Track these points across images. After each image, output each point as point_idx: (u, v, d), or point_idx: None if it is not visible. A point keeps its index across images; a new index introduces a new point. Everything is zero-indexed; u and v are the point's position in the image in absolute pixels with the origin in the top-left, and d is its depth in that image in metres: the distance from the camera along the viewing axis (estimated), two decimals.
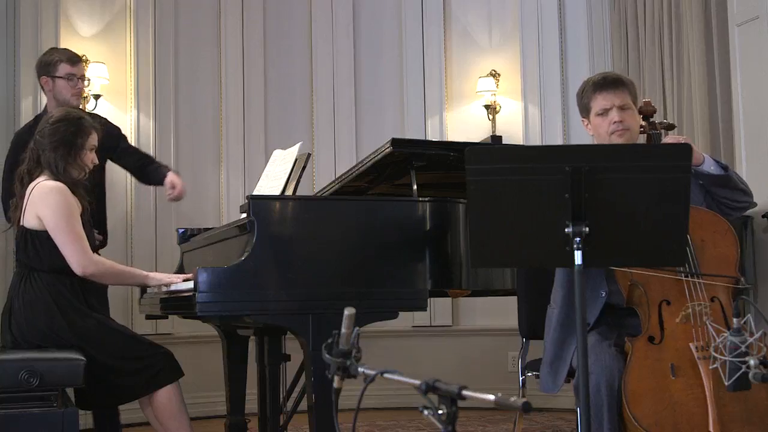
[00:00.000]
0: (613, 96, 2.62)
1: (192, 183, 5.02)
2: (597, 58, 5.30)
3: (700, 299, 2.36)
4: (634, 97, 2.68)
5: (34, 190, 2.96)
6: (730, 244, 2.47)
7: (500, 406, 1.30)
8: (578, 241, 1.97)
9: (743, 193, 2.59)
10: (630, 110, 2.64)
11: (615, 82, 2.65)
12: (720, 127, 4.40)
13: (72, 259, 2.92)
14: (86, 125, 3.06)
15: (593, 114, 2.67)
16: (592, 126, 2.69)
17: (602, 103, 2.63)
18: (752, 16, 4.08)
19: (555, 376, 2.60)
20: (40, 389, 2.70)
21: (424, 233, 2.87)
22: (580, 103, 2.74)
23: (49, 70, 3.73)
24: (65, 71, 3.71)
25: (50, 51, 3.89)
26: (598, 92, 2.64)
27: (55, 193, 2.93)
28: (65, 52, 3.79)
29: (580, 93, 2.73)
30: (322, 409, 2.65)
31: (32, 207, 2.95)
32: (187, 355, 3.47)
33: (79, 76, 3.76)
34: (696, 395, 2.23)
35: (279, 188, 3.18)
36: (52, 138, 3.00)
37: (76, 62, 3.76)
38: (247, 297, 2.67)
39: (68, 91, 3.72)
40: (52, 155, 2.98)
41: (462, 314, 5.43)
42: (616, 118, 2.60)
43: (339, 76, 5.58)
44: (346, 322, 1.59)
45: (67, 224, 2.91)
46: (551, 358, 2.62)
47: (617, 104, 2.62)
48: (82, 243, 2.93)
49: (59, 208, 2.91)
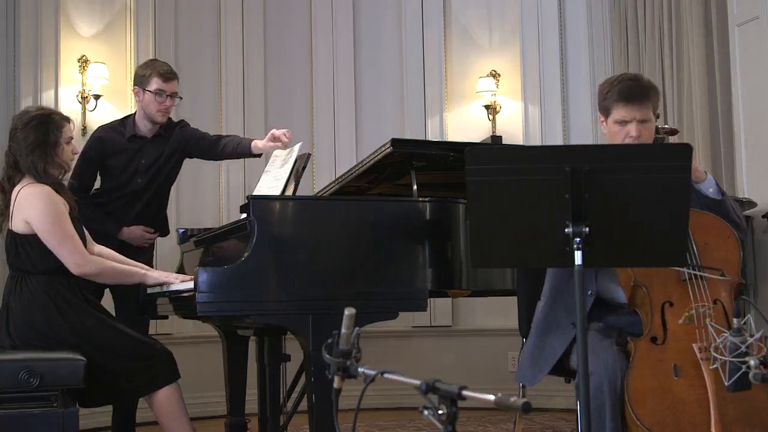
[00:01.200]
0: (636, 110, 2.55)
1: (192, 183, 5.03)
2: (597, 58, 5.31)
3: (703, 300, 2.36)
4: (656, 107, 2.62)
5: (18, 195, 2.95)
6: (732, 248, 2.48)
7: (500, 406, 1.30)
8: (578, 241, 1.97)
9: (734, 224, 2.56)
10: (649, 123, 2.58)
11: (641, 97, 2.56)
12: (720, 127, 4.40)
13: (68, 260, 2.91)
14: (56, 119, 3.03)
15: (611, 120, 2.61)
16: (607, 130, 2.65)
17: (623, 114, 2.56)
18: (752, 16, 4.09)
19: (533, 368, 2.59)
20: (40, 389, 2.70)
21: (424, 233, 2.87)
22: (600, 102, 2.66)
23: (142, 81, 3.73)
24: (156, 86, 3.69)
25: (149, 63, 3.85)
26: (623, 103, 2.56)
27: (41, 197, 2.91)
28: (161, 67, 3.74)
29: (603, 92, 2.64)
30: (322, 409, 2.65)
31: (19, 212, 2.94)
32: (187, 355, 3.47)
33: (169, 93, 3.72)
34: (698, 396, 2.24)
35: (279, 188, 3.18)
36: (26, 141, 2.98)
37: (168, 79, 3.72)
38: (248, 297, 2.67)
39: (155, 106, 3.71)
40: (30, 158, 2.96)
41: (462, 314, 5.43)
42: (633, 133, 2.55)
43: (339, 76, 5.58)
44: (346, 322, 1.60)
45: (57, 227, 2.90)
46: (531, 350, 2.62)
47: (638, 118, 2.56)
48: (74, 242, 2.93)
49: (47, 211, 2.90)
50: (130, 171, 3.77)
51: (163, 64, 3.80)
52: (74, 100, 4.76)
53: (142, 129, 3.80)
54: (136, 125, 3.80)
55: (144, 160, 3.78)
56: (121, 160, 3.76)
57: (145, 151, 3.79)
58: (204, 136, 3.89)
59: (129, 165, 3.77)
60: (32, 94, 4.63)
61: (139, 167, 3.77)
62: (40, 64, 4.66)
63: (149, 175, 3.79)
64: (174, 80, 3.75)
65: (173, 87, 3.75)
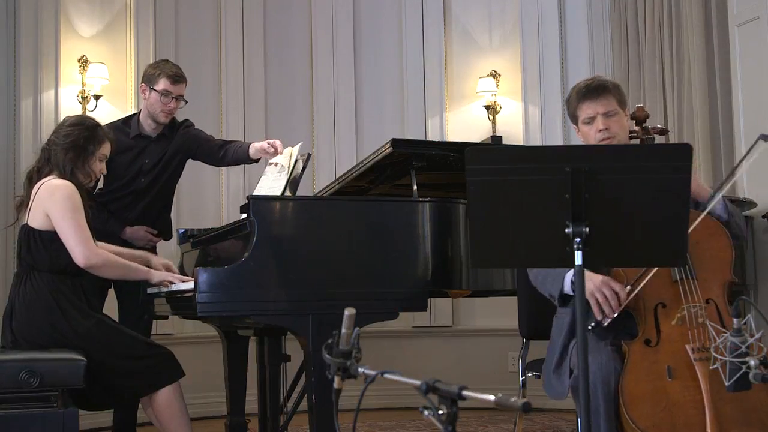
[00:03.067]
0: (597, 104, 2.61)
1: (192, 183, 5.03)
2: (597, 58, 5.31)
3: (695, 301, 2.36)
4: (621, 101, 2.66)
5: (41, 188, 2.98)
6: (724, 245, 2.48)
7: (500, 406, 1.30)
8: (578, 242, 1.97)
9: (736, 237, 2.56)
10: (616, 116, 2.63)
11: (598, 90, 2.63)
12: (720, 127, 4.40)
13: (76, 249, 2.92)
14: (100, 134, 3.09)
15: (581, 123, 2.67)
16: (581, 135, 2.70)
17: (587, 111, 2.63)
18: (752, 16, 4.08)
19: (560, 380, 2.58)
20: (40, 389, 2.70)
21: (424, 233, 2.87)
22: (569, 112, 2.74)
23: (150, 80, 3.73)
24: (163, 87, 3.70)
25: (160, 63, 3.85)
26: (583, 101, 2.64)
27: (63, 188, 2.95)
28: (171, 69, 3.74)
29: (567, 101, 2.73)
30: (323, 409, 2.65)
31: (39, 204, 2.96)
32: (187, 355, 3.47)
33: (175, 96, 3.73)
34: (693, 397, 2.24)
35: (279, 188, 3.18)
36: (65, 140, 3.02)
37: (176, 82, 3.72)
38: (248, 297, 2.67)
39: (159, 106, 3.72)
40: (63, 157, 3.01)
41: (462, 314, 5.43)
42: (600, 126, 2.60)
43: (339, 76, 5.58)
44: (347, 322, 1.59)
45: (72, 216, 2.92)
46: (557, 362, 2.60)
47: (601, 112, 2.61)
48: (85, 234, 2.94)
49: (66, 200, 2.93)
50: (133, 170, 3.77)
51: (174, 66, 3.80)
52: (74, 100, 4.76)
53: (147, 128, 3.80)
54: (141, 124, 3.81)
55: (147, 159, 3.78)
56: (125, 159, 3.76)
57: (149, 150, 3.79)
58: (208, 140, 3.88)
59: (132, 164, 3.77)
60: (32, 94, 4.64)
61: (142, 167, 3.78)
62: (40, 64, 4.67)
63: (152, 175, 3.79)
64: (182, 83, 3.76)
65: (180, 90, 3.75)
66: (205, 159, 3.93)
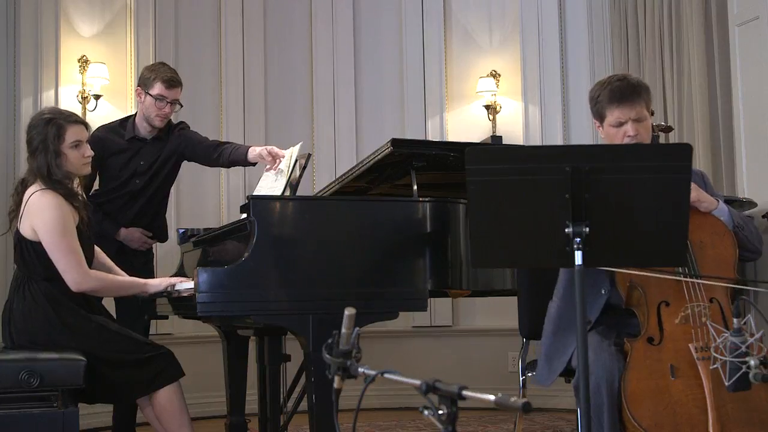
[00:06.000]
0: (630, 110, 2.53)
1: (192, 183, 5.03)
2: (597, 58, 5.30)
3: (699, 300, 2.36)
4: (649, 104, 2.59)
5: (30, 200, 2.93)
6: (728, 245, 2.47)
7: (500, 406, 1.30)
8: (578, 242, 1.97)
9: (748, 251, 2.54)
10: (645, 121, 2.56)
11: (632, 95, 2.54)
12: (720, 127, 4.40)
13: (67, 275, 2.89)
14: (58, 124, 2.96)
15: (607, 124, 2.58)
16: (605, 133, 2.62)
17: (618, 115, 2.54)
18: (752, 16, 4.08)
19: (549, 368, 2.60)
20: (40, 389, 2.70)
21: (424, 233, 2.87)
22: (593, 108, 2.63)
23: (146, 84, 3.73)
24: (158, 92, 3.69)
25: (156, 66, 3.83)
26: (614, 104, 2.54)
27: (50, 207, 2.88)
28: (166, 73, 3.73)
29: (594, 98, 2.62)
30: (323, 409, 2.65)
31: (28, 216, 2.92)
32: (187, 355, 3.47)
33: (170, 100, 3.72)
34: (695, 396, 2.24)
35: (279, 188, 3.18)
36: (29, 147, 2.98)
37: (172, 86, 3.71)
38: (248, 297, 2.67)
39: (154, 110, 3.71)
40: (34, 163, 2.96)
41: (462, 314, 5.43)
42: (630, 132, 2.53)
43: (339, 75, 5.58)
44: (347, 322, 1.59)
45: (61, 239, 2.87)
46: (546, 350, 2.63)
47: (633, 117, 2.53)
48: (76, 258, 2.89)
49: (54, 223, 2.87)
50: (128, 172, 3.77)
51: (169, 70, 3.79)
52: (74, 100, 4.76)
53: (142, 131, 3.80)
54: (136, 127, 3.80)
55: (142, 161, 3.78)
56: (120, 160, 3.76)
57: (144, 152, 3.79)
58: (202, 141, 3.86)
59: (127, 166, 3.77)
60: (32, 94, 4.64)
61: (137, 168, 3.77)
62: (40, 64, 4.67)
63: (147, 177, 3.79)
64: (177, 88, 3.75)
65: (175, 94, 3.74)
66: (200, 160, 3.91)
